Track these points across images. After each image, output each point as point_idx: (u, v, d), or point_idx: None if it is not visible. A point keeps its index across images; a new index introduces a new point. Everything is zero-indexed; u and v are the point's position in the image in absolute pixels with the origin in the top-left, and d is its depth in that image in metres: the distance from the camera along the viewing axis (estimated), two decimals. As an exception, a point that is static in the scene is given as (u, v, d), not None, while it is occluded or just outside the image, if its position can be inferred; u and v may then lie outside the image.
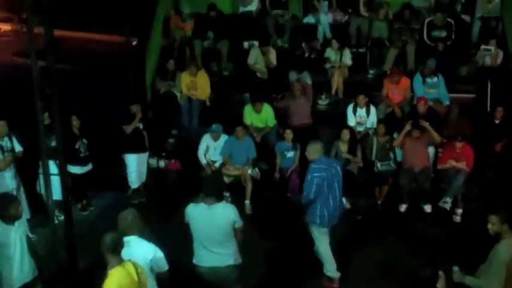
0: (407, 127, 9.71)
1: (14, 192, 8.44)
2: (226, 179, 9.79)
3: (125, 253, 5.20)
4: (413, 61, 11.72)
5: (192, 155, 10.41)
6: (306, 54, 11.97)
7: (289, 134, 10.00)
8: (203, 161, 10.16)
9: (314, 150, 7.18)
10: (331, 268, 7.45)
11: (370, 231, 8.99)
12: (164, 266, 5.64)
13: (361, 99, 10.47)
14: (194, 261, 6.25)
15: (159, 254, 5.57)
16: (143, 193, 10.17)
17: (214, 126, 10.03)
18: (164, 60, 11.80)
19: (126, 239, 5.36)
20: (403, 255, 8.23)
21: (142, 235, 5.61)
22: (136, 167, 10.03)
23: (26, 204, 8.65)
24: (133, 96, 10.66)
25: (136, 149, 10.03)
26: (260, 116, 10.66)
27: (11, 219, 5.96)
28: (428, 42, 11.63)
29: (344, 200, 9.53)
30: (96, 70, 11.53)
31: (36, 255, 6.30)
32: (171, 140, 10.55)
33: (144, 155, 10.22)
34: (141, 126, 10.10)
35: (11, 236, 6.00)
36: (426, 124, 9.77)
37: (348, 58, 11.71)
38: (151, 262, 5.50)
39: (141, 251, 5.45)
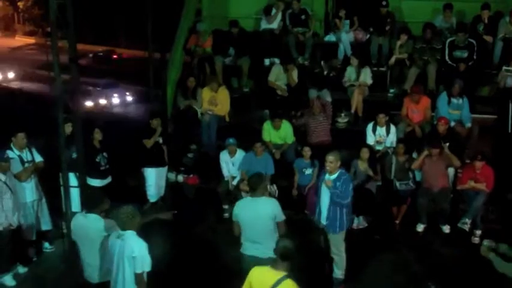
0: (425, 152, 9.70)
1: (35, 204, 8.57)
2: (244, 195, 9.79)
3: (117, 245, 5.88)
4: (434, 81, 11.70)
5: (210, 170, 10.49)
6: (326, 72, 12.01)
7: (307, 151, 10.06)
8: (229, 178, 10.23)
9: (338, 158, 7.54)
10: (342, 271, 7.77)
11: (388, 251, 8.96)
12: (142, 266, 5.89)
13: (381, 118, 10.51)
14: (240, 249, 6.98)
15: (144, 253, 5.88)
16: (161, 207, 10.25)
17: (230, 139, 10.14)
18: (185, 76, 11.94)
19: (121, 232, 5.95)
20: (420, 275, 8.20)
21: (138, 232, 5.97)
22: (155, 180, 10.17)
23: (48, 216, 8.76)
24: (154, 110, 10.81)
25: (156, 163, 10.17)
26: (279, 133, 10.73)
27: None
28: (449, 62, 11.62)
29: (361, 218, 9.65)
30: (119, 84, 11.70)
31: None
32: (190, 155, 10.66)
33: (163, 170, 10.35)
34: (160, 140, 10.25)
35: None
36: (446, 147, 9.75)
37: (368, 76, 11.75)
38: (134, 259, 5.87)
39: (130, 245, 5.88)
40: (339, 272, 7.80)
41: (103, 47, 15.18)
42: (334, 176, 7.56)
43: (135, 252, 5.87)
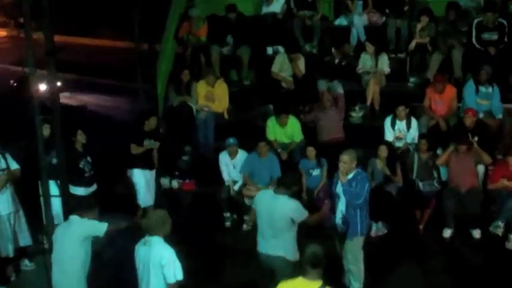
0: (451, 148, 9.78)
1: (12, 217, 8.65)
2: (247, 201, 9.94)
3: (142, 252, 6.10)
4: (460, 67, 11.73)
5: (208, 174, 10.62)
6: (337, 61, 12.09)
7: (311, 151, 10.15)
8: (230, 183, 10.30)
9: (354, 157, 7.68)
10: (360, 284, 7.89)
11: (411, 260, 9.01)
12: (175, 275, 6.02)
13: (401, 110, 10.57)
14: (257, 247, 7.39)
15: (174, 260, 6.04)
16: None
17: (231, 139, 10.22)
18: (178, 70, 12.06)
19: (147, 238, 6.16)
20: (448, 284, 8.32)
21: (166, 238, 6.15)
22: (144, 183, 10.16)
23: (27, 230, 8.85)
24: (148, 109, 10.87)
25: (143, 164, 10.16)
26: (285, 131, 10.82)
27: None
28: (477, 46, 11.61)
29: (380, 224, 9.73)
30: (102, 79, 11.81)
31: None
32: (185, 158, 10.77)
33: (151, 173, 10.33)
34: (156, 145, 10.24)
35: None
36: (474, 142, 9.85)
37: (385, 64, 11.82)
38: (163, 267, 6.02)
39: (157, 252, 6.06)
40: (356, 285, 7.90)
41: (84, 38, 15.25)
42: (350, 176, 7.67)
43: (164, 259, 6.02)
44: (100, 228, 7.06)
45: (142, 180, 10.17)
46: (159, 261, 6.02)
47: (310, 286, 5.31)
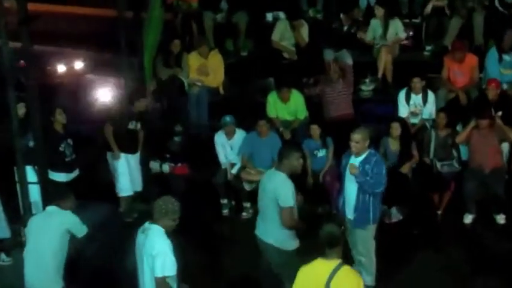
0: (473, 124, 9.73)
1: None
2: (246, 186, 9.97)
3: (141, 239, 6.14)
4: (481, 34, 11.76)
5: (202, 157, 10.62)
6: (345, 28, 12.03)
7: (315, 129, 10.08)
8: (227, 166, 10.28)
9: (366, 136, 7.65)
10: (372, 276, 7.92)
11: (428, 249, 9.05)
12: (163, 270, 6.01)
13: (416, 83, 10.53)
14: None
15: (167, 253, 6.02)
16: (141, 205, 10.26)
17: (227, 117, 10.19)
18: (167, 39, 11.99)
19: (146, 225, 6.18)
20: (470, 276, 8.32)
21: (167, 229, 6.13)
22: (127, 168, 10.10)
23: (4, 220, 8.76)
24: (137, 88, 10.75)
25: (125, 147, 10.08)
26: (288, 107, 10.80)
27: None
28: (500, 9, 11.64)
29: (395, 209, 9.73)
30: (82, 51, 11.75)
31: None
32: (176, 139, 10.71)
33: (135, 157, 10.27)
34: (138, 126, 10.16)
35: None
36: (498, 117, 9.81)
37: (400, 30, 11.79)
38: (153, 258, 6.01)
39: (151, 241, 6.07)
40: (368, 278, 7.84)
41: (62, 6, 15.09)
42: (361, 157, 7.63)
43: (155, 249, 6.01)
44: (82, 229, 7.17)
45: (125, 165, 10.09)
46: (150, 252, 6.03)
47: (328, 266, 5.58)
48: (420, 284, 8.25)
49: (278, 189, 7.00)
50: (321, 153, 10.16)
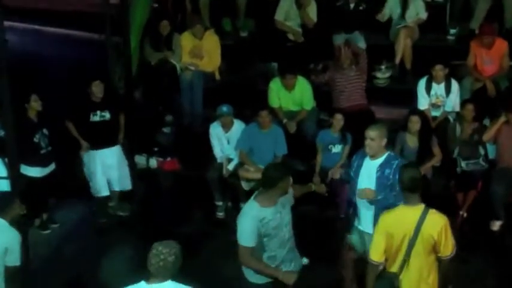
0: (502, 119, 9.73)
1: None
2: (244, 185, 9.98)
3: None
4: (513, 15, 11.73)
5: (195, 151, 10.65)
6: (352, 5, 11.91)
7: (339, 120, 10.05)
8: (223, 160, 10.29)
9: (384, 133, 7.42)
10: None
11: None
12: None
13: (438, 71, 10.51)
14: None
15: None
16: (125, 204, 10.42)
17: (224, 107, 10.19)
18: (156, 18, 11.96)
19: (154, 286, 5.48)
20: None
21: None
22: (101, 167, 10.08)
23: None
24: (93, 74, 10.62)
25: (94, 143, 10.06)
26: (293, 95, 10.81)
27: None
28: (535, -12, 11.64)
29: None
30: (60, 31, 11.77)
31: None
32: (166, 130, 10.77)
33: (114, 152, 10.23)
34: (107, 116, 10.07)
35: None
36: None
37: (421, 9, 11.75)
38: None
39: None
40: None
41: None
42: (380, 159, 7.41)
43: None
44: (17, 259, 6.81)
45: (96, 163, 10.07)
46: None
47: (413, 212, 6.17)
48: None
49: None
50: (337, 148, 10.16)
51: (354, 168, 7.66)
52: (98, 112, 9.96)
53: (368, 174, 7.40)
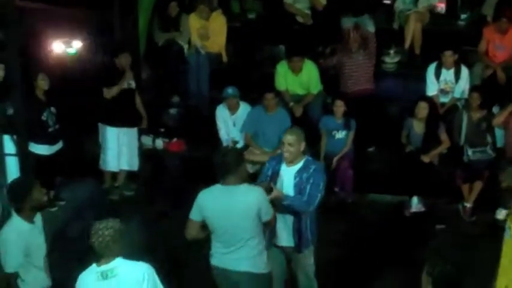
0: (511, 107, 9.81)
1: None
2: (250, 168, 9.93)
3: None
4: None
5: (201, 133, 10.87)
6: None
7: (339, 106, 10.24)
8: (229, 143, 10.47)
9: (302, 138, 7.11)
10: None
11: (455, 247, 9.12)
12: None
13: (448, 56, 10.58)
14: (211, 260, 6.79)
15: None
16: (131, 184, 10.68)
17: (229, 89, 10.39)
18: (165, 0, 12.14)
19: (101, 268, 5.53)
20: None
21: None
22: (116, 145, 10.39)
23: None
24: (119, 43, 11.03)
25: (121, 120, 10.36)
26: (300, 79, 10.97)
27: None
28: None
29: (416, 200, 9.97)
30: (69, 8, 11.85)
31: None
32: (172, 111, 11.04)
33: (133, 132, 10.59)
34: (133, 84, 10.40)
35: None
36: None
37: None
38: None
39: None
40: None
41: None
42: (297, 166, 7.06)
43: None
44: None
45: (115, 141, 10.37)
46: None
47: None
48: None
49: (256, 201, 6.51)
50: (340, 134, 10.34)
51: (268, 178, 7.12)
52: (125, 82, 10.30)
53: (286, 181, 7.05)
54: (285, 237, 7.15)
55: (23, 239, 6.17)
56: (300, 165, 7.03)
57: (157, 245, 8.77)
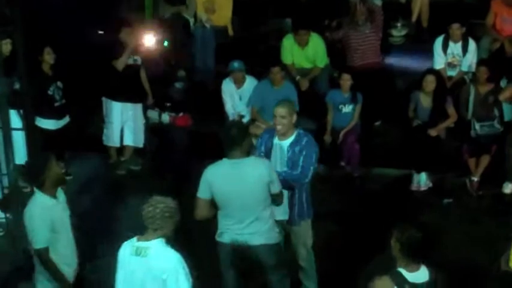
0: None
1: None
2: (255, 142, 10.14)
3: (131, 264, 5.57)
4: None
5: (207, 107, 10.91)
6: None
7: (346, 80, 10.27)
8: (235, 117, 10.53)
9: (293, 110, 7.24)
10: (316, 284, 7.82)
11: (461, 220, 9.28)
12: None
13: (456, 29, 10.62)
14: (216, 237, 6.88)
15: (176, 274, 5.59)
16: (137, 159, 10.76)
17: (235, 63, 10.44)
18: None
19: (139, 244, 5.58)
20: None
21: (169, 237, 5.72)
22: (120, 120, 10.48)
23: None
24: (121, 16, 11.07)
25: (126, 95, 10.42)
26: (306, 52, 11.02)
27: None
28: None
29: (424, 176, 10.02)
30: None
31: None
32: (178, 85, 11.04)
33: (137, 108, 10.66)
34: (138, 60, 10.48)
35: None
36: None
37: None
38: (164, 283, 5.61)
39: (160, 265, 5.57)
40: (311, 286, 7.81)
41: None
42: (290, 139, 7.17)
43: (165, 272, 5.54)
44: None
45: (118, 116, 10.46)
46: (160, 276, 5.53)
47: None
48: (450, 259, 8.03)
49: (265, 173, 6.61)
50: (347, 108, 10.40)
51: (263, 153, 7.28)
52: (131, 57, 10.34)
53: (280, 155, 7.18)
54: (281, 212, 7.20)
55: (47, 214, 6.22)
56: (292, 138, 7.15)
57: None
